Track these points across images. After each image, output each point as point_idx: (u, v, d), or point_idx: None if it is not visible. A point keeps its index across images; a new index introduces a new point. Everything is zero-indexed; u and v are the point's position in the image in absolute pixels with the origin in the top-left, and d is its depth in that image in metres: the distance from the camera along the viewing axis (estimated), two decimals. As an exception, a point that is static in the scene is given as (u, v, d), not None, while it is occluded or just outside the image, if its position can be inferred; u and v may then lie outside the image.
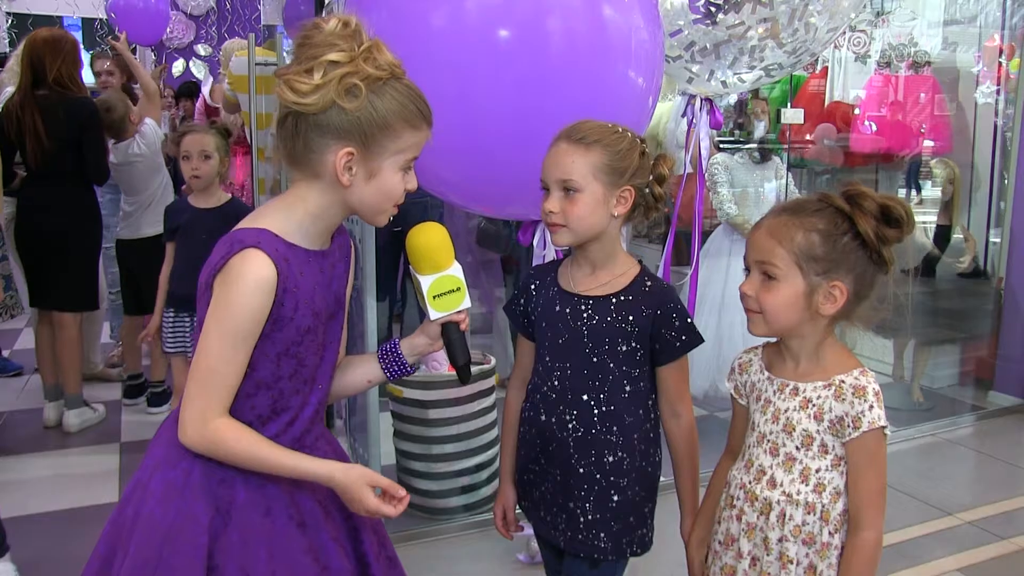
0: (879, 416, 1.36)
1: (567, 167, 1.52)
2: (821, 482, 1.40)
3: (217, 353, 1.24)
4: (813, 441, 1.40)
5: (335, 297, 1.38)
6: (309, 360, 1.34)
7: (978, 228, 4.56)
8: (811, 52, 3.01)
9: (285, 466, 1.27)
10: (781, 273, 1.37)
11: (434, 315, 1.42)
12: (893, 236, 1.36)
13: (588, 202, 1.52)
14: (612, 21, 2.14)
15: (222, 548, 1.27)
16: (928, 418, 4.03)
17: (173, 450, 1.29)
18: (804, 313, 1.38)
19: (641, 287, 1.57)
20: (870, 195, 1.35)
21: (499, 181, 2.21)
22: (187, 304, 3.06)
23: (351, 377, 1.50)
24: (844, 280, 1.36)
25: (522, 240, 2.52)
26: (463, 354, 1.44)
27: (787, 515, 1.40)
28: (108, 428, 3.87)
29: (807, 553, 1.40)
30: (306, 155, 1.27)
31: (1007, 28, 4.51)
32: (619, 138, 1.54)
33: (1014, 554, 2.80)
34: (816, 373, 1.41)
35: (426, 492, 2.95)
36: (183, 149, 3.10)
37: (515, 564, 2.68)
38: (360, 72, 1.22)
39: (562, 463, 1.59)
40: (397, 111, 1.26)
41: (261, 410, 1.31)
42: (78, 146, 3.60)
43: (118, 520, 1.32)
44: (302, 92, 1.22)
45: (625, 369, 1.56)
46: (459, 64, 2.04)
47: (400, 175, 1.30)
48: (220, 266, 1.24)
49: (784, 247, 1.37)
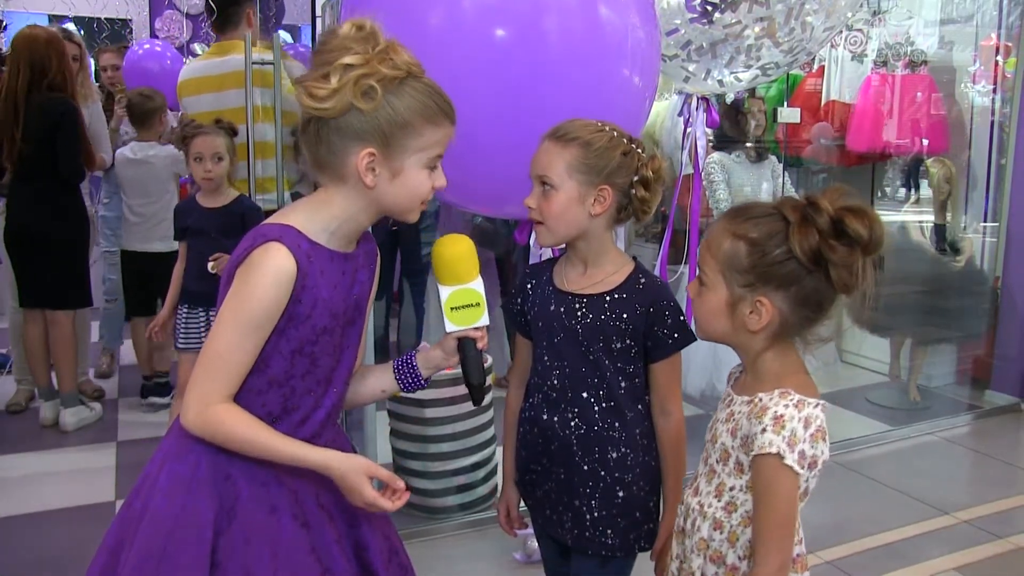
0: (771, 442, 1.21)
1: (545, 164, 1.54)
2: (733, 501, 1.32)
3: (227, 339, 1.26)
4: (729, 457, 1.32)
5: (355, 302, 1.38)
6: (324, 361, 1.34)
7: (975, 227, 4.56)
8: (808, 51, 3.01)
9: (283, 452, 1.27)
10: (708, 280, 1.31)
11: (450, 327, 1.41)
12: (841, 256, 1.20)
13: (562, 200, 1.52)
14: (608, 20, 2.14)
15: (225, 546, 1.28)
16: (925, 417, 4.03)
17: (182, 442, 1.31)
18: (729, 325, 1.31)
19: (635, 284, 1.56)
20: (825, 207, 1.21)
21: (496, 180, 2.21)
22: (201, 299, 3.05)
23: (365, 386, 1.51)
24: (773, 296, 1.26)
25: (519, 239, 2.52)
26: (478, 374, 1.43)
27: (695, 525, 1.36)
28: (105, 426, 3.87)
29: (716, 572, 1.35)
30: (330, 159, 1.29)
31: (1003, 27, 4.51)
32: (599, 136, 1.53)
33: (1010, 553, 2.80)
34: (751, 387, 1.32)
35: (423, 491, 2.94)
36: (194, 151, 3.04)
37: (512, 563, 2.68)
38: (376, 73, 1.23)
39: (565, 461, 1.59)
40: (416, 109, 1.27)
41: (272, 407, 1.32)
42: (54, 145, 3.57)
43: (127, 513, 1.33)
44: (320, 97, 1.23)
45: (620, 366, 1.56)
46: (455, 63, 2.04)
47: (425, 173, 1.31)
48: (243, 258, 1.26)
49: (712, 254, 1.30)
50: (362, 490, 1.28)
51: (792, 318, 1.28)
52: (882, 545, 2.82)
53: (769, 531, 1.24)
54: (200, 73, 3.45)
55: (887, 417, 4.04)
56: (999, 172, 4.35)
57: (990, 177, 4.52)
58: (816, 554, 2.72)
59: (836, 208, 1.22)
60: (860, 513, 3.03)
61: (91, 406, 3.93)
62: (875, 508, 3.07)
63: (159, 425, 3.78)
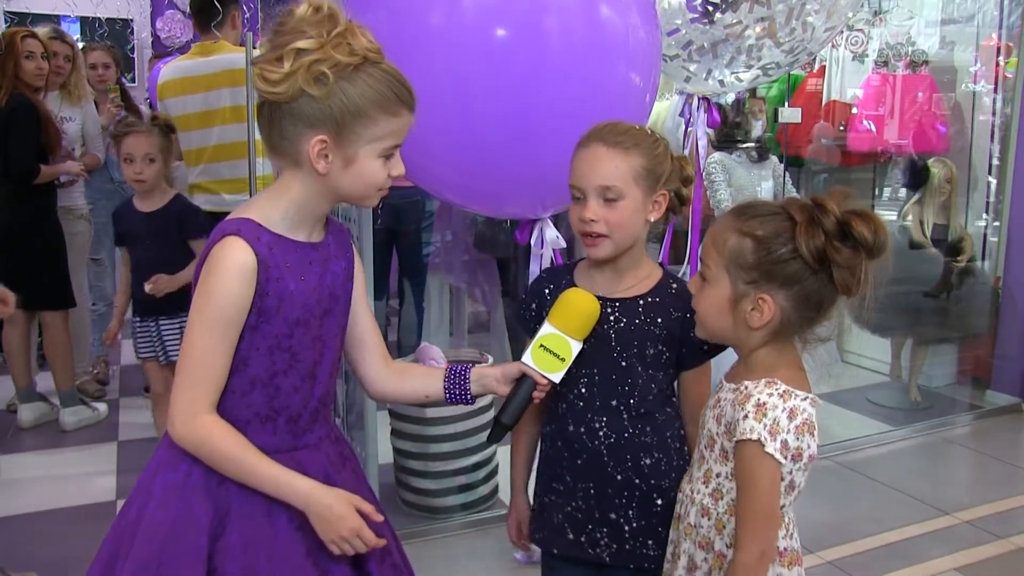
0: (751, 428, 1.23)
1: (608, 172, 1.44)
2: (719, 489, 1.34)
3: (201, 343, 1.24)
4: (715, 444, 1.34)
5: (329, 292, 1.35)
6: (305, 355, 1.32)
7: (975, 227, 4.56)
8: (809, 51, 3.01)
9: (265, 475, 1.26)
10: (711, 276, 1.32)
11: (526, 359, 1.41)
12: (845, 258, 1.23)
13: (630, 209, 1.45)
14: (609, 20, 2.14)
15: (222, 550, 1.27)
16: (925, 417, 4.03)
17: (174, 452, 1.29)
18: (731, 321, 1.32)
19: (667, 289, 1.52)
20: (832, 209, 1.24)
21: (497, 180, 2.21)
22: (150, 309, 3.00)
23: (411, 385, 1.49)
24: (775, 294, 1.27)
25: (519, 239, 2.52)
26: (513, 415, 1.42)
27: (687, 511, 1.38)
28: (105, 426, 3.87)
29: (705, 558, 1.36)
30: (283, 144, 1.27)
31: (1004, 27, 4.51)
32: (655, 142, 1.48)
33: (1011, 553, 2.80)
34: (740, 376, 1.34)
35: (423, 491, 2.94)
36: (124, 151, 2.90)
37: (512, 563, 2.67)
38: (329, 59, 1.20)
39: (596, 474, 1.50)
40: (371, 97, 1.23)
41: (259, 408, 1.30)
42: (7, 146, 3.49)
43: (121, 522, 1.32)
44: (272, 81, 1.21)
45: (652, 372, 1.50)
46: (456, 63, 2.04)
47: (380, 162, 1.28)
48: (205, 257, 1.25)
49: (717, 249, 1.31)
50: (349, 518, 1.26)
51: (792, 317, 1.29)
52: (883, 545, 2.82)
53: (750, 519, 1.25)
54: (183, 74, 3.44)
55: (888, 417, 4.04)
56: (1000, 172, 4.35)
57: (990, 177, 4.52)
58: (816, 554, 2.72)
59: (842, 211, 1.24)
60: (860, 513, 3.03)
61: (94, 406, 3.92)
62: (875, 508, 3.06)
63: (160, 425, 3.77)
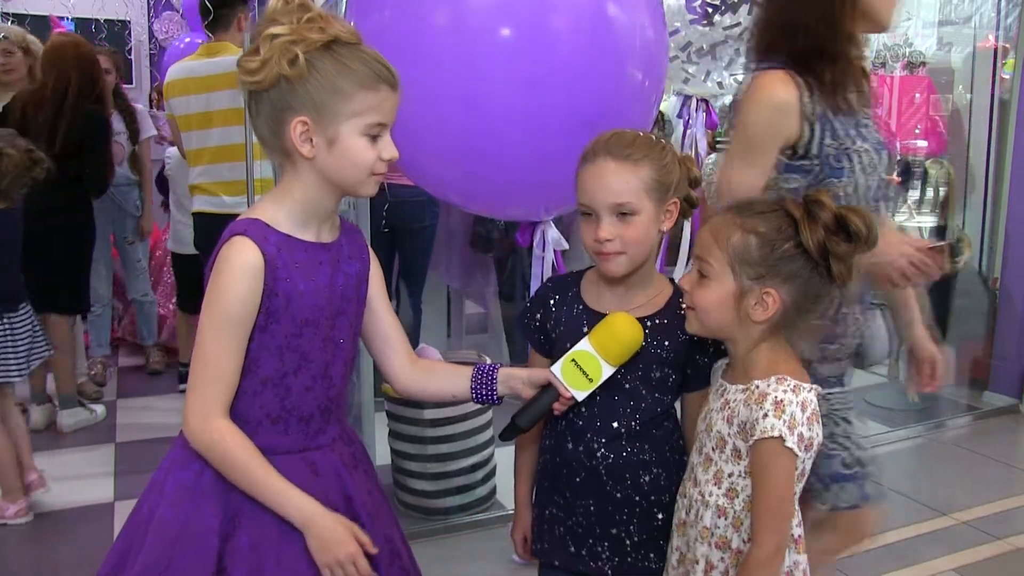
0: (772, 426, 1.27)
1: (620, 188, 1.40)
2: (733, 487, 1.35)
3: (211, 343, 1.26)
4: (725, 444, 1.35)
5: (341, 293, 1.36)
6: (316, 356, 1.33)
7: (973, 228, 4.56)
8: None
9: (271, 488, 1.26)
10: (714, 272, 1.34)
11: (555, 369, 1.41)
12: (844, 251, 1.29)
13: (644, 223, 1.41)
14: (617, 19, 2.13)
15: (231, 552, 1.27)
16: (923, 418, 4.03)
17: (187, 451, 1.30)
18: (734, 316, 1.34)
19: (675, 309, 1.47)
20: (828, 204, 1.30)
21: (500, 182, 2.21)
22: None
23: (437, 383, 1.50)
24: (779, 288, 1.31)
25: (520, 242, 2.51)
26: (529, 420, 1.43)
27: (698, 515, 1.38)
28: (103, 428, 3.86)
29: (722, 557, 1.37)
30: (270, 136, 1.29)
31: (1001, 29, 4.52)
32: (662, 150, 1.44)
33: (1009, 554, 2.80)
34: (743, 376, 1.36)
35: (421, 492, 2.95)
36: None
37: (511, 564, 2.67)
38: (303, 40, 1.22)
39: (595, 492, 1.48)
40: (346, 73, 1.24)
41: (270, 408, 1.31)
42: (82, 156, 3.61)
43: (135, 517, 1.34)
44: (251, 70, 1.23)
45: (657, 396, 1.48)
46: (461, 63, 2.04)
47: (364, 140, 1.27)
48: (214, 259, 1.27)
49: (719, 246, 1.33)
50: (347, 544, 1.27)
51: (792, 309, 1.33)
52: (881, 546, 2.82)
53: (768, 513, 1.30)
54: (187, 74, 3.45)
55: (886, 418, 4.04)
56: (997, 173, 4.35)
57: (988, 178, 4.52)
58: (815, 555, 2.72)
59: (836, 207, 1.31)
60: (859, 514, 3.03)
61: (92, 408, 3.92)
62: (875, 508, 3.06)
63: (158, 427, 3.77)
